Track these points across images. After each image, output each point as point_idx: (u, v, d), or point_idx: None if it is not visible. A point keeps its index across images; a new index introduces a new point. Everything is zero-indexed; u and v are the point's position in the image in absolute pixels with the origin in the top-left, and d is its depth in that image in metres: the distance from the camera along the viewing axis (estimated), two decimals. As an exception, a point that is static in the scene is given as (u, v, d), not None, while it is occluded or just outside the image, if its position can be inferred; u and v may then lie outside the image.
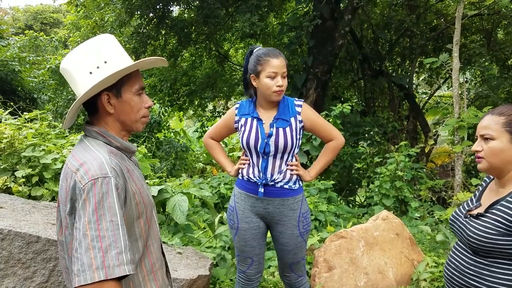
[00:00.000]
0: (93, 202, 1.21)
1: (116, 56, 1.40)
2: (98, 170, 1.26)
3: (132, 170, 1.43)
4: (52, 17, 25.38)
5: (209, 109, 11.22)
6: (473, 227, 1.62)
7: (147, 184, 3.58)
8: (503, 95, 8.49)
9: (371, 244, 3.44)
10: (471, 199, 1.81)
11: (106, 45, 1.40)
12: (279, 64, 2.25)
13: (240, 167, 2.44)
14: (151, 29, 8.41)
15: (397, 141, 7.67)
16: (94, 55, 1.37)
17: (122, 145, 1.44)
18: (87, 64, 1.36)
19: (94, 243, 1.17)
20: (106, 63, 1.37)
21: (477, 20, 9.00)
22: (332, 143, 2.48)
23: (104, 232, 1.18)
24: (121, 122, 1.44)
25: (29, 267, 2.14)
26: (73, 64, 1.38)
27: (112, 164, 1.30)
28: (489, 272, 1.57)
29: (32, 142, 3.61)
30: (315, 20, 6.76)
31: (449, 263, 1.76)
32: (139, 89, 1.44)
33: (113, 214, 1.21)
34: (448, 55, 5.16)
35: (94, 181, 1.23)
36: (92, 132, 1.41)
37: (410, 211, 4.95)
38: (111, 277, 1.15)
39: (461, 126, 4.77)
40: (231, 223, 2.48)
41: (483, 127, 1.67)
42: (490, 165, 1.65)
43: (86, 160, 1.30)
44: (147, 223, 1.43)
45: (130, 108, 1.43)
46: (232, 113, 2.48)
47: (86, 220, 1.19)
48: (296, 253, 2.45)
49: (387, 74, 9.04)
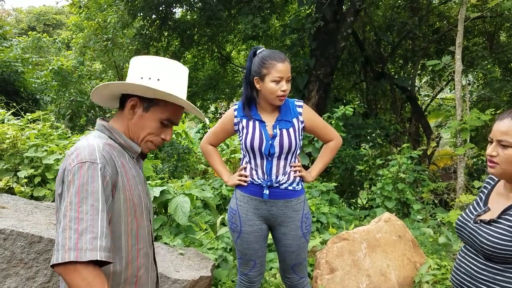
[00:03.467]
0: (77, 184, 1.22)
1: (172, 82, 1.44)
2: (88, 155, 1.28)
3: (130, 168, 1.43)
4: (55, 19, 25.45)
5: (211, 111, 11.22)
6: (486, 234, 1.58)
7: (149, 186, 3.59)
8: (505, 97, 8.47)
9: (373, 246, 3.43)
10: (477, 203, 1.76)
11: (172, 70, 1.46)
12: (285, 69, 2.23)
13: (241, 184, 2.40)
14: (154, 31, 8.43)
15: (399, 143, 7.66)
16: (156, 68, 1.43)
17: (126, 143, 1.45)
18: (145, 71, 1.42)
19: (71, 224, 1.18)
20: (158, 80, 1.42)
21: (480, 22, 8.99)
22: (331, 143, 2.52)
23: (83, 215, 1.19)
24: (131, 131, 1.47)
25: (31, 267, 2.14)
26: (139, 64, 1.45)
27: (104, 152, 1.32)
28: (504, 278, 1.54)
29: (34, 143, 3.62)
30: (317, 22, 6.76)
31: (458, 268, 1.72)
32: (166, 120, 1.46)
33: (95, 199, 1.22)
34: (450, 58, 5.16)
35: (81, 164, 1.25)
36: (100, 126, 1.45)
37: (412, 213, 4.94)
38: (81, 260, 1.15)
39: (463, 129, 4.76)
40: (233, 226, 2.45)
41: (501, 132, 1.57)
42: (504, 171, 1.58)
43: (80, 147, 1.32)
44: (135, 222, 1.41)
45: (143, 126, 1.45)
46: (231, 115, 2.44)
47: (68, 201, 1.21)
48: (299, 254, 2.45)
49: (389, 76, 9.04)
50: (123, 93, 1.46)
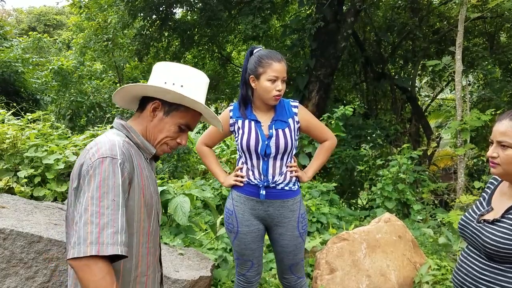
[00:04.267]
0: (98, 179, 1.24)
1: (193, 88, 1.47)
2: (108, 150, 1.30)
3: (144, 168, 1.44)
4: (55, 19, 25.46)
5: (212, 111, 11.23)
6: (489, 233, 1.58)
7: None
8: (506, 98, 8.47)
9: (373, 247, 3.43)
10: (480, 203, 1.76)
11: (194, 78, 1.50)
12: (281, 69, 2.24)
13: (237, 184, 2.40)
14: (154, 31, 8.44)
15: (399, 144, 7.66)
16: (180, 75, 1.47)
17: (142, 144, 1.47)
18: (169, 76, 1.46)
19: (93, 218, 1.19)
20: (182, 87, 1.45)
21: (480, 23, 9.00)
22: (326, 143, 2.52)
23: (104, 210, 1.21)
24: (149, 133, 1.49)
25: (31, 267, 2.14)
26: (163, 69, 1.49)
27: (124, 148, 1.34)
28: (506, 278, 1.53)
29: (34, 143, 3.61)
30: (317, 22, 6.77)
31: (460, 268, 1.71)
32: (184, 125, 1.49)
33: (116, 194, 1.24)
34: (451, 58, 5.16)
35: (102, 159, 1.27)
36: (118, 125, 1.48)
37: (412, 214, 4.94)
38: (102, 254, 1.17)
39: (463, 129, 4.75)
40: (230, 227, 2.44)
41: (501, 133, 1.57)
42: (506, 172, 1.59)
43: (100, 141, 1.35)
44: (147, 221, 1.42)
45: (162, 129, 1.48)
46: (226, 116, 2.43)
47: (89, 195, 1.22)
48: (296, 254, 2.45)
49: (389, 77, 9.04)
50: (145, 95, 1.49)
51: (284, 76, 2.26)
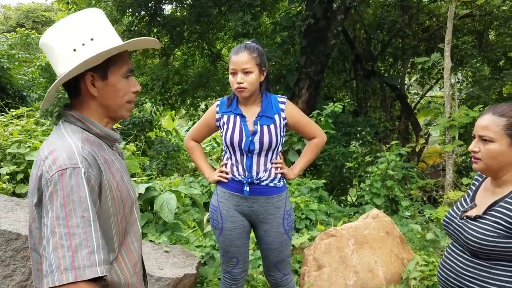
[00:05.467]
0: (61, 195, 1.09)
1: (104, 33, 1.27)
2: (67, 160, 1.13)
3: (112, 160, 1.30)
4: (44, 16, 25.20)
5: (202, 109, 11.15)
6: (472, 230, 1.57)
7: (134, 183, 3.54)
8: (494, 96, 8.51)
9: (361, 243, 3.42)
10: (464, 199, 1.75)
11: (93, 21, 1.26)
12: (238, 61, 2.20)
13: (221, 180, 2.37)
14: (143, 27, 8.35)
15: (388, 141, 7.67)
16: (79, 31, 1.23)
17: (103, 132, 1.30)
18: (71, 40, 1.22)
19: (62, 241, 1.06)
20: (92, 40, 1.23)
21: (469, 21, 9.04)
22: (315, 140, 2.48)
23: (74, 229, 1.07)
24: (105, 107, 1.31)
25: (9, 265, 2.09)
26: (55, 39, 1.23)
27: (84, 153, 1.17)
28: (489, 274, 1.53)
29: (17, 139, 3.55)
30: (307, 19, 6.74)
31: (444, 264, 1.71)
32: (127, 72, 1.31)
33: (84, 209, 1.09)
34: (440, 55, 5.16)
35: (62, 171, 1.11)
36: (70, 117, 1.28)
37: (401, 210, 4.95)
38: (81, 279, 1.05)
39: (452, 126, 4.76)
40: (215, 223, 2.41)
41: (482, 127, 1.58)
42: (487, 167, 1.58)
43: (56, 148, 1.17)
44: (125, 220, 1.31)
45: (116, 92, 1.30)
46: (213, 111, 2.41)
47: (54, 216, 1.08)
48: (282, 251, 2.42)
49: (379, 75, 9.06)
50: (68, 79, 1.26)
51: (244, 68, 2.20)
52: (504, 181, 1.59)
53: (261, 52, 2.28)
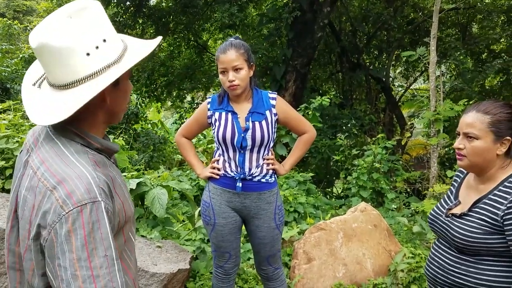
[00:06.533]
0: (81, 235, 0.97)
1: (112, 32, 1.12)
2: (85, 194, 1.00)
3: (115, 177, 1.17)
4: (25, 5, 24.59)
5: (188, 101, 11.11)
6: (458, 227, 1.61)
7: (125, 178, 3.54)
8: (476, 88, 8.67)
9: (349, 236, 3.49)
10: (448, 196, 1.79)
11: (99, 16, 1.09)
12: (227, 59, 2.21)
13: (213, 177, 2.39)
14: (128, 18, 8.25)
15: (374, 134, 7.79)
16: (90, 29, 1.06)
17: (103, 146, 1.17)
18: (83, 41, 1.04)
19: (86, 285, 0.96)
20: (105, 42, 1.08)
21: (453, 14, 9.15)
22: (305, 136, 2.52)
23: (97, 271, 0.98)
24: (110, 114, 1.19)
25: (4, 263, 2.08)
26: (62, 39, 1.03)
27: (101, 183, 1.05)
28: (477, 269, 1.57)
29: (5, 134, 3.50)
30: (294, 12, 6.75)
31: (432, 261, 1.74)
32: (130, 73, 1.19)
33: (107, 247, 0.99)
34: (425, 49, 5.23)
35: (81, 207, 0.98)
36: (67, 131, 1.12)
37: (387, 203, 5.04)
38: None
39: (437, 119, 4.85)
40: (207, 219, 2.43)
41: (467, 124, 1.60)
42: (472, 163, 1.61)
43: (67, 177, 1.02)
44: (123, 237, 1.21)
45: (124, 96, 1.19)
46: (204, 108, 2.42)
47: (75, 258, 0.97)
48: (273, 245, 2.47)
49: (364, 67, 9.13)
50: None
51: (234, 65, 2.21)
52: (487, 178, 1.62)
53: (247, 47, 2.30)
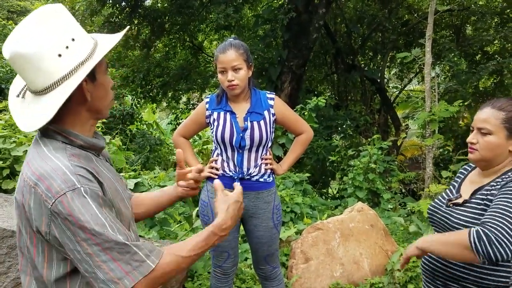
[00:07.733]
0: (73, 221, 1.03)
1: (79, 30, 1.15)
2: (62, 184, 1.04)
3: (101, 171, 1.19)
4: (19, 5, 24.44)
5: (183, 101, 11.09)
6: (459, 215, 1.64)
7: (124, 178, 3.53)
8: (470, 89, 8.74)
9: (346, 236, 3.51)
10: (450, 190, 1.82)
11: (64, 18, 1.12)
12: (227, 59, 2.22)
13: (211, 176, 2.37)
14: (123, 19, 8.23)
15: (368, 134, 7.82)
16: (57, 32, 1.09)
17: (87, 143, 1.18)
18: (52, 44, 1.07)
19: (102, 257, 1.04)
20: (74, 41, 1.11)
21: (447, 16, 9.22)
22: (302, 136, 2.53)
23: (106, 244, 1.04)
24: (94, 111, 1.20)
25: (4, 262, 2.09)
26: (31, 45, 1.05)
27: (77, 171, 1.08)
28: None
29: (2, 134, 3.49)
30: (290, 13, 6.77)
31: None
32: (106, 67, 1.21)
33: (101, 224, 1.05)
34: (420, 50, 5.27)
35: (61, 198, 1.03)
36: (49, 131, 1.15)
37: (382, 203, 5.07)
38: (137, 280, 1.06)
39: (432, 120, 4.88)
40: (206, 219, 2.44)
41: (481, 120, 1.65)
42: (482, 157, 1.66)
43: (44, 173, 1.06)
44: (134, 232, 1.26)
45: (105, 91, 1.20)
46: (202, 108, 2.43)
47: (79, 240, 1.04)
48: (271, 245, 2.48)
49: (359, 68, 9.18)
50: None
51: (234, 65, 2.22)
52: (491, 172, 1.67)
53: (246, 48, 2.32)
